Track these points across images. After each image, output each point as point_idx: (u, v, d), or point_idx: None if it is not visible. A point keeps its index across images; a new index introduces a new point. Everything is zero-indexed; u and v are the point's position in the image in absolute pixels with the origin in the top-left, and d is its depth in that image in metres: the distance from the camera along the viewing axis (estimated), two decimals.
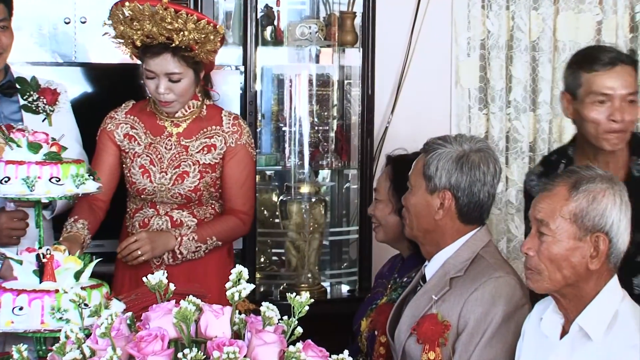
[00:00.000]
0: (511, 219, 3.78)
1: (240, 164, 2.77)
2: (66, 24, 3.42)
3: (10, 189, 2.18)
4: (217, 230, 2.76)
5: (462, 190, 2.26)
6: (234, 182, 2.78)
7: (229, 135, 2.76)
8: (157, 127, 2.78)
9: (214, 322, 1.42)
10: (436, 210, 2.28)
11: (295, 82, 3.63)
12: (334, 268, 3.70)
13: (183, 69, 2.66)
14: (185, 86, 2.69)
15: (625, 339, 1.84)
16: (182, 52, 2.63)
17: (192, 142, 2.76)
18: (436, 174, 2.26)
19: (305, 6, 3.70)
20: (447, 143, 2.30)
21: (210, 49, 2.67)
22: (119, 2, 2.64)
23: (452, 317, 2.18)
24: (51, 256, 2.15)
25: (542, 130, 3.83)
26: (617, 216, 1.88)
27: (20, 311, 2.08)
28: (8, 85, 2.73)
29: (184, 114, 2.78)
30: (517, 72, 3.79)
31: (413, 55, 3.74)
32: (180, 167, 2.74)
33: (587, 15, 3.84)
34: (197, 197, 2.76)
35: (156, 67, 2.65)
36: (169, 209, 2.78)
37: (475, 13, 3.75)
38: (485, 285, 2.18)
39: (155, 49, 2.63)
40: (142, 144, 2.78)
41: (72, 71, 3.46)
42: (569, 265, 1.89)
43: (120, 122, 2.81)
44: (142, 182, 2.75)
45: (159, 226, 2.77)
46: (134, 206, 2.83)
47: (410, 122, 3.65)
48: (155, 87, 2.68)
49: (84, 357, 1.40)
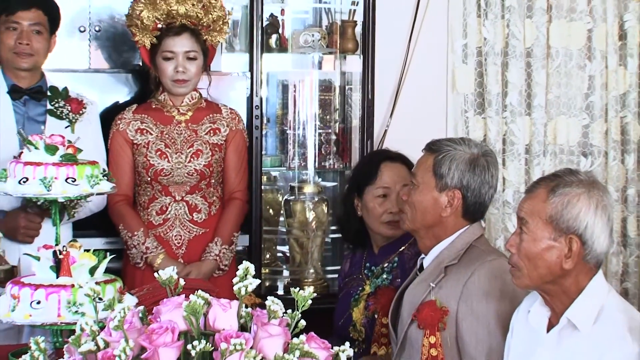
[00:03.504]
0: (508, 218, 3.77)
1: (237, 148, 3.01)
2: (81, 32, 3.44)
3: (28, 188, 2.19)
4: (232, 224, 2.96)
5: (471, 191, 2.29)
6: (232, 167, 3.01)
7: (229, 120, 3.01)
8: (166, 117, 2.96)
9: (222, 315, 1.42)
10: (443, 207, 2.30)
11: (299, 87, 3.63)
12: (335, 264, 3.69)
13: (198, 49, 2.90)
14: (197, 68, 2.92)
15: (612, 331, 1.85)
16: (197, 34, 2.88)
17: (199, 127, 2.96)
18: (448, 174, 2.28)
19: (309, 15, 3.70)
20: (457, 145, 2.32)
21: (219, 36, 2.96)
22: None
23: (451, 302, 2.19)
24: (67, 253, 2.16)
25: (538, 133, 3.83)
26: (591, 219, 1.89)
27: (38, 305, 2.09)
28: (37, 90, 2.78)
29: (188, 104, 2.97)
30: (513, 77, 3.79)
31: (411, 61, 3.74)
32: (194, 147, 2.93)
33: (578, 24, 3.84)
34: (209, 175, 2.94)
35: (176, 46, 2.88)
36: (184, 194, 2.92)
37: (471, 22, 3.75)
38: (480, 268, 2.20)
39: (177, 29, 2.87)
40: (154, 134, 2.93)
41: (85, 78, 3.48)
42: (545, 264, 1.91)
43: (130, 121, 2.95)
44: (160, 163, 2.90)
45: (177, 211, 2.91)
46: (146, 197, 2.94)
47: (408, 126, 3.65)
48: (173, 67, 2.88)
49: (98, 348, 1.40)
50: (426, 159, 2.34)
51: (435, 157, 2.31)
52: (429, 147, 2.37)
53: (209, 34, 2.94)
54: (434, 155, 2.32)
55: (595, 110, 3.89)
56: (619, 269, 3.91)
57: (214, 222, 2.96)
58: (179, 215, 2.93)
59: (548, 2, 3.81)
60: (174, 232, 2.92)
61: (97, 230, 3.12)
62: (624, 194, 3.94)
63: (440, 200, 2.30)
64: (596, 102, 3.88)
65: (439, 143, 2.35)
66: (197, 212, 2.94)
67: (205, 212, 2.96)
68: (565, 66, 3.86)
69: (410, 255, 2.63)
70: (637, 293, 3.95)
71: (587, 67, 3.87)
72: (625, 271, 3.94)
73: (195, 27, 2.91)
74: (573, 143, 3.88)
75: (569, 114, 3.87)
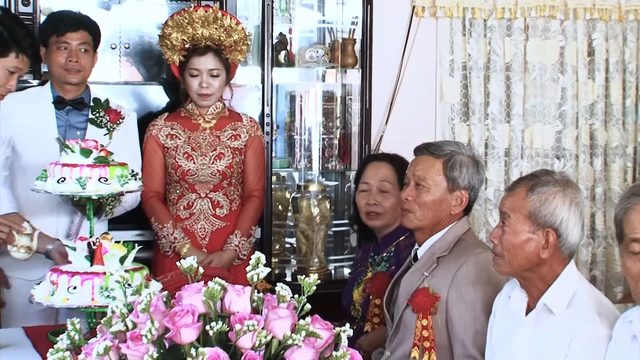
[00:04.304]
0: (490, 214, 3.78)
1: (255, 152, 3.00)
2: (112, 49, 3.44)
3: (65, 187, 2.20)
4: (250, 219, 2.96)
5: (475, 190, 2.29)
6: (251, 168, 2.98)
7: (249, 128, 2.99)
8: (193, 125, 2.97)
9: (237, 300, 1.41)
10: (453, 206, 2.27)
11: (304, 97, 3.63)
12: (337, 254, 3.70)
13: (220, 66, 2.90)
14: (220, 83, 2.92)
15: (583, 314, 1.84)
16: (220, 53, 2.89)
17: (222, 133, 2.96)
18: (460, 176, 2.26)
19: (313, 34, 3.70)
20: (457, 148, 2.30)
21: (239, 55, 2.95)
22: (181, 10, 2.92)
23: (442, 289, 2.18)
24: (100, 244, 2.16)
25: (516, 138, 3.83)
26: (566, 215, 1.89)
27: (74, 290, 2.09)
28: (79, 101, 2.78)
29: (213, 113, 2.97)
30: (494, 89, 3.79)
31: (404, 75, 3.74)
32: (217, 150, 2.93)
33: (552, 42, 3.84)
34: (230, 175, 2.94)
35: (201, 64, 2.88)
36: (208, 191, 2.93)
37: (457, 40, 3.75)
38: (468, 260, 2.19)
39: (202, 50, 2.88)
40: (182, 139, 2.94)
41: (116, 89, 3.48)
42: (524, 254, 1.90)
43: (162, 127, 2.97)
44: (187, 164, 2.91)
45: (202, 207, 2.92)
46: (176, 195, 2.96)
47: (402, 132, 3.64)
48: (198, 83, 2.89)
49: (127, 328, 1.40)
50: (432, 163, 2.28)
51: (444, 161, 2.27)
52: (428, 151, 2.31)
53: (230, 53, 2.94)
54: (442, 159, 2.27)
55: (567, 118, 3.89)
56: (589, 258, 3.91)
57: (234, 216, 2.95)
58: (204, 210, 2.93)
59: (525, 22, 3.81)
60: (199, 225, 2.93)
61: (128, 224, 3.11)
62: (592, 192, 3.93)
63: (450, 200, 2.27)
64: (568, 111, 3.88)
65: (439, 147, 2.31)
66: (219, 207, 2.94)
67: (227, 208, 2.95)
68: (541, 79, 3.85)
69: (404, 245, 2.63)
70: (604, 280, 3.95)
71: (559, 80, 3.87)
72: (593, 260, 3.93)
73: (218, 48, 2.91)
74: (547, 147, 3.88)
75: (544, 122, 3.87)
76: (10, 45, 2.39)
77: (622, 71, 3.91)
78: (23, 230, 2.34)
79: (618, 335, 1.77)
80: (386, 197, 2.69)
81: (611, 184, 3.94)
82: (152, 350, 1.35)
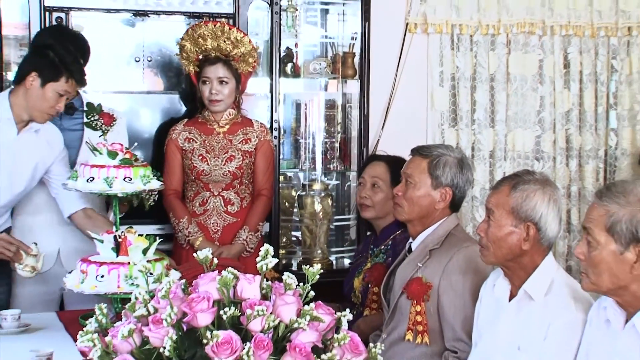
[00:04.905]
0: (476, 210, 3.77)
1: (264, 154, 2.98)
2: (136, 62, 3.44)
3: (94, 186, 2.21)
4: (258, 216, 2.95)
5: (459, 188, 2.27)
6: (261, 169, 2.98)
7: (259, 132, 2.98)
8: (208, 129, 2.96)
9: (248, 287, 1.42)
10: (437, 202, 2.27)
11: (309, 105, 3.62)
12: (338, 246, 3.69)
13: (229, 75, 2.89)
14: (230, 90, 2.90)
15: (560, 300, 1.84)
16: (229, 63, 2.88)
17: (234, 137, 2.95)
18: (443, 175, 2.25)
19: (317, 48, 3.69)
20: (444, 150, 2.30)
21: (246, 66, 2.93)
22: (195, 24, 2.94)
23: (434, 279, 2.18)
24: (125, 237, 2.16)
25: (499, 142, 3.81)
26: (545, 210, 1.88)
27: (102, 278, 2.10)
28: (69, 106, 2.73)
29: (226, 119, 2.96)
30: (479, 97, 3.77)
31: (398, 85, 3.73)
32: (228, 153, 2.92)
33: (531, 55, 3.83)
34: (240, 175, 2.93)
35: (211, 72, 2.88)
36: (220, 190, 2.92)
37: (446, 53, 3.74)
38: (458, 253, 2.19)
39: (213, 60, 2.89)
40: (198, 142, 2.94)
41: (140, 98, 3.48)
42: (507, 245, 1.90)
43: (181, 131, 2.97)
44: (201, 165, 2.90)
45: (215, 204, 2.92)
46: (192, 192, 2.96)
47: (396, 136, 3.63)
48: (209, 90, 2.88)
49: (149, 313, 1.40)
50: (420, 162, 2.30)
51: (430, 161, 2.28)
52: (419, 153, 2.33)
53: (239, 64, 2.93)
54: (428, 159, 2.28)
55: (546, 124, 3.88)
56: (565, 250, 3.91)
57: (244, 213, 2.95)
58: (216, 207, 2.93)
59: (507, 37, 3.80)
60: (212, 220, 2.92)
61: (149, 219, 3.11)
62: (568, 191, 3.92)
63: (434, 196, 2.27)
64: (546, 118, 3.88)
65: (429, 149, 2.32)
66: (230, 204, 2.94)
67: (238, 205, 2.95)
68: (521, 89, 3.84)
69: (400, 239, 2.63)
70: (579, 269, 3.92)
71: (538, 89, 3.86)
72: (569, 252, 3.92)
73: (227, 58, 2.90)
74: (528, 150, 3.88)
75: (525, 127, 3.86)
76: (61, 71, 2.42)
77: (595, 82, 3.91)
78: (30, 251, 2.33)
79: (593, 319, 1.76)
80: (376, 192, 2.71)
81: (585, 183, 3.94)
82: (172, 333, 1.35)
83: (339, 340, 1.38)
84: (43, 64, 2.42)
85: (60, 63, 2.41)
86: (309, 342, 1.35)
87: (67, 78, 2.42)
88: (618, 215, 1.58)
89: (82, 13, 3.20)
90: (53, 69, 2.41)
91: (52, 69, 2.41)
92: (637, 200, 1.57)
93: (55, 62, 2.41)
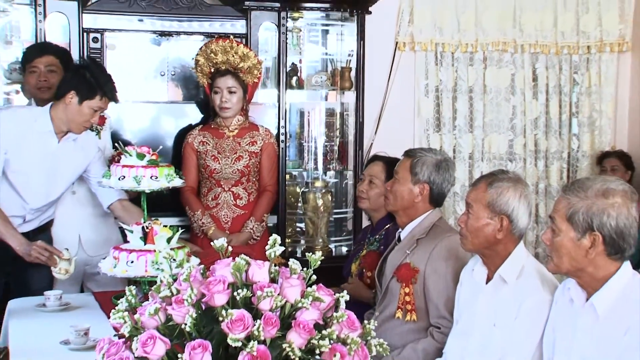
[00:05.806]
0: (457, 204, 3.78)
1: (269, 155, 2.98)
2: (162, 76, 3.42)
3: (125, 183, 2.20)
4: (263, 208, 2.94)
5: (436, 185, 2.25)
6: (266, 168, 2.97)
7: (264, 136, 2.98)
8: (220, 133, 2.96)
9: (258, 272, 1.41)
10: (416, 195, 2.26)
11: (311, 113, 3.61)
12: (337, 236, 3.68)
13: (237, 85, 2.89)
14: (238, 99, 2.90)
15: (530, 283, 1.83)
16: (237, 75, 2.88)
17: (242, 140, 2.95)
18: (421, 172, 2.24)
19: (318, 63, 3.68)
20: (428, 152, 2.29)
21: (252, 77, 2.94)
22: (207, 42, 2.97)
23: (421, 264, 2.16)
24: (151, 227, 2.15)
25: (477, 145, 3.82)
26: (517, 205, 1.87)
27: (131, 264, 2.09)
28: None
29: (236, 124, 2.96)
30: (460, 106, 3.77)
31: (389, 96, 3.73)
32: (237, 153, 2.92)
33: (504, 70, 3.83)
34: (247, 173, 2.92)
35: (222, 83, 2.88)
36: (230, 186, 2.92)
37: (431, 68, 3.74)
38: (441, 242, 2.17)
39: (223, 72, 2.89)
40: (210, 144, 2.94)
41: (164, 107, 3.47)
42: (484, 235, 1.89)
43: (196, 136, 2.97)
44: (213, 164, 2.91)
45: (225, 198, 2.92)
46: (206, 188, 2.97)
47: (387, 140, 3.62)
48: (220, 98, 2.88)
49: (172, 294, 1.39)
50: (405, 161, 2.31)
51: (412, 160, 2.28)
52: (407, 154, 2.34)
53: (245, 76, 2.93)
54: (411, 159, 2.29)
55: (517, 129, 3.88)
56: (534, 239, 3.92)
57: (251, 206, 2.95)
58: (227, 201, 2.92)
59: (484, 54, 3.80)
60: (223, 213, 2.92)
61: (173, 212, 3.10)
62: (537, 188, 3.93)
63: (414, 191, 2.26)
64: (517, 124, 3.88)
65: (414, 151, 2.33)
66: (239, 199, 2.93)
67: (246, 199, 2.94)
68: (496, 99, 3.84)
69: (392, 230, 2.61)
70: (545, 256, 3.92)
71: (511, 99, 3.87)
72: (536, 240, 3.93)
73: (235, 71, 2.90)
74: (502, 152, 3.88)
75: (499, 132, 3.86)
76: (96, 89, 2.42)
77: (559, 93, 3.91)
78: (62, 256, 2.32)
79: (558, 299, 1.75)
80: (372, 187, 2.70)
81: (551, 181, 3.94)
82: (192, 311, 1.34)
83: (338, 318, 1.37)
84: (81, 84, 2.41)
85: (96, 83, 2.41)
86: (312, 320, 1.34)
87: (101, 96, 2.42)
88: (577, 206, 1.57)
89: (115, 34, 3.20)
90: (89, 89, 2.40)
91: (89, 88, 2.40)
92: (594, 195, 1.57)
93: (92, 82, 2.41)
